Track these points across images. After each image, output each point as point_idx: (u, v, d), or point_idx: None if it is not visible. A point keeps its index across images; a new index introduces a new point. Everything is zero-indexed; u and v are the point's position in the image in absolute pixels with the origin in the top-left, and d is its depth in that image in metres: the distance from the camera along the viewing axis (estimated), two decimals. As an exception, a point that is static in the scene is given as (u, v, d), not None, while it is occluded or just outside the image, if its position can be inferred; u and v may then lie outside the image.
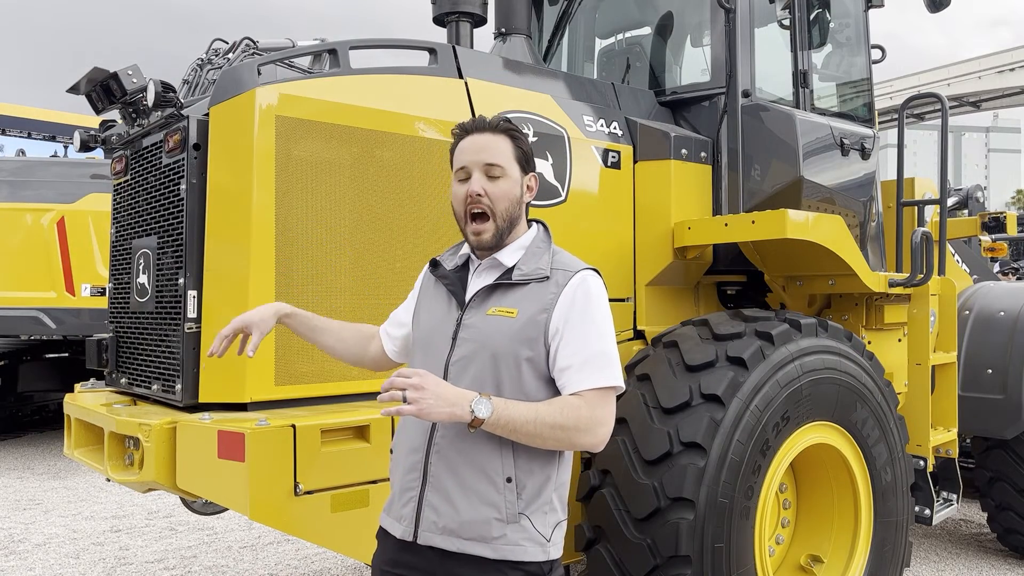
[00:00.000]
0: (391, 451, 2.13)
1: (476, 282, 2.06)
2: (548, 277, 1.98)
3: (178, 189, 2.85)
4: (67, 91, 3.18)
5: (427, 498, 1.96)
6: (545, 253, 2.04)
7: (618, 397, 2.04)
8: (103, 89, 3.00)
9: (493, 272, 2.05)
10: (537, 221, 2.14)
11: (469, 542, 1.92)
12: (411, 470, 2.00)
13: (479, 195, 1.98)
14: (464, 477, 1.93)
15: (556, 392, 1.97)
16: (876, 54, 4.74)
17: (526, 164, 2.06)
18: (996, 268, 6.61)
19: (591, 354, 1.94)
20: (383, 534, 2.10)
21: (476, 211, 2.00)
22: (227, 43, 3.49)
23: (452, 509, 1.93)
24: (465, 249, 2.13)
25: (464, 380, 1.95)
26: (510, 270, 2.01)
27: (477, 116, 2.09)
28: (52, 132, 11.24)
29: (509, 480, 1.93)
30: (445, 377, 1.97)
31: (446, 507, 1.94)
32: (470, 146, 2.02)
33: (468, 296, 2.04)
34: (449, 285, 2.09)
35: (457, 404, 1.81)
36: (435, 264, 2.16)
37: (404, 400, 1.78)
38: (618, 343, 2.10)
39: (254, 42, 3.33)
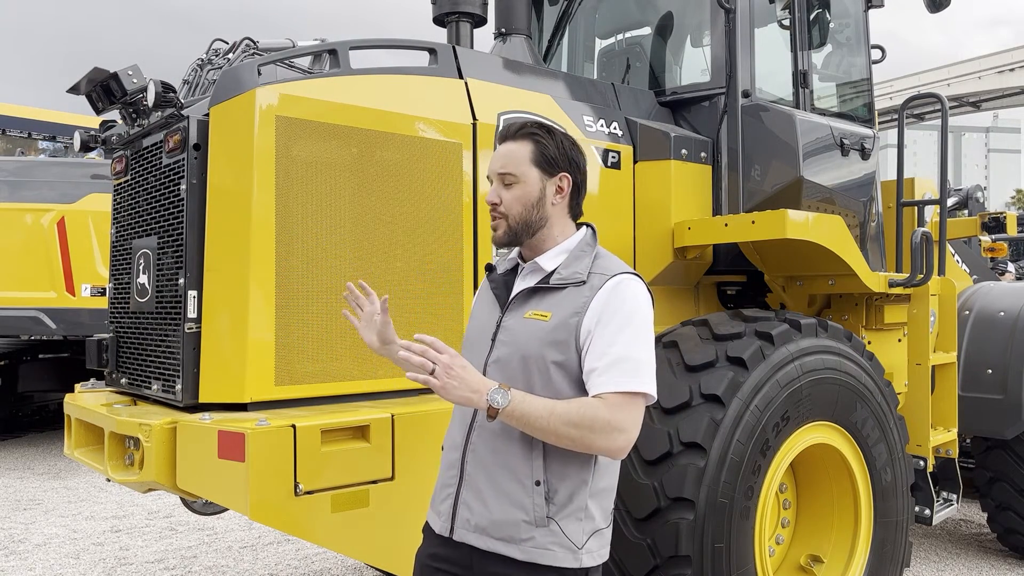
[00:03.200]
0: (443, 448, 2.17)
1: (519, 285, 2.11)
2: (585, 281, 2.00)
3: (178, 189, 2.85)
4: (67, 91, 3.18)
5: (462, 495, 2.02)
6: (587, 257, 2.05)
7: None
8: (103, 89, 3.00)
9: (535, 276, 2.09)
10: (587, 224, 2.16)
11: (499, 542, 1.96)
12: (450, 467, 2.07)
13: (494, 204, 2.07)
14: (496, 477, 1.97)
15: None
16: (876, 54, 4.75)
17: (549, 165, 2.06)
18: (988, 266, 6.61)
19: (618, 357, 1.91)
20: (428, 528, 2.15)
21: (492, 217, 2.09)
22: (227, 43, 3.49)
23: (484, 508, 1.97)
24: (514, 253, 2.19)
25: (499, 381, 1.98)
26: (549, 274, 2.06)
27: (507, 122, 2.14)
28: (52, 132, 11.24)
29: (538, 483, 1.94)
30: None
31: (478, 505, 1.98)
32: (495, 156, 2.10)
33: (510, 299, 2.09)
34: (495, 288, 2.15)
35: (477, 391, 1.85)
36: (490, 269, 2.22)
37: (432, 373, 1.83)
38: None
39: (254, 42, 3.33)
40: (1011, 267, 9.55)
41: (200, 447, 2.58)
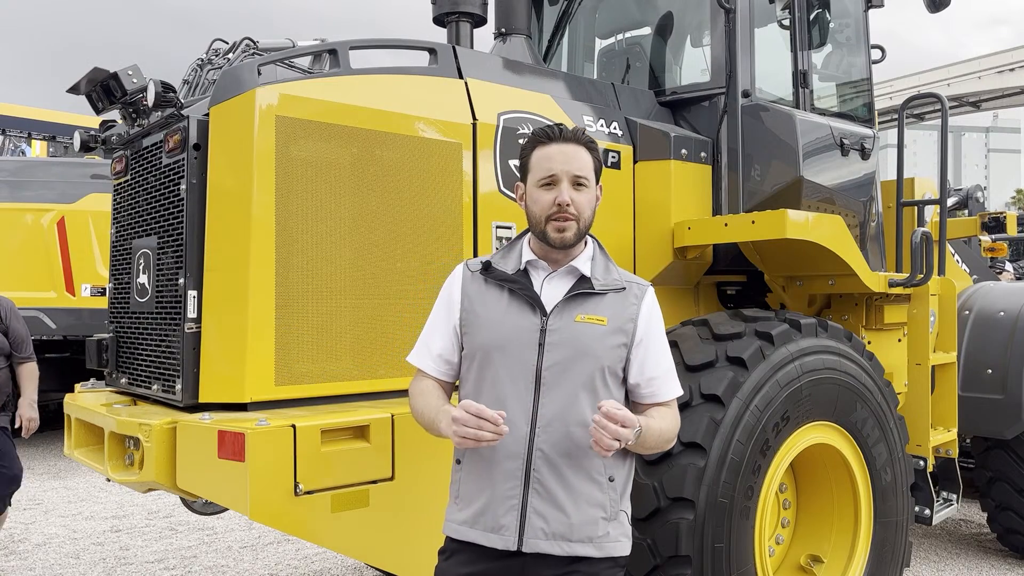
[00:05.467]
0: (457, 461, 2.11)
1: (550, 289, 2.09)
2: (624, 288, 2.10)
3: (178, 189, 2.85)
4: (67, 91, 3.18)
5: (532, 504, 1.98)
6: (611, 264, 2.16)
7: None
8: (103, 89, 3.00)
9: (569, 279, 2.10)
10: (590, 235, 2.20)
11: (577, 544, 1.98)
12: (508, 478, 2.00)
13: (568, 204, 2.04)
14: (571, 481, 1.98)
15: (625, 397, 2.10)
16: (876, 54, 4.74)
17: (597, 176, 2.14)
18: (988, 265, 6.62)
19: (670, 365, 2.14)
20: (463, 546, 2.05)
21: (562, 218, 2.05)
22: (227, 43, 3.49)
23: (561, 514, 1.97)
24: (526, 254, 2.13)
25: (559, 385, 2.00)
26: (587, 279, 2.08)
27: (558, 125, 2.13)
28: (52, 132, 11.24)
29: (612, 479, 2.02)
30: (537, 383, 2.00)
31: (554, 512, 1.97)
32: (558, 155, 2.07)
33: (549, 302, 2.06)
34: (520, 290, 2.08)
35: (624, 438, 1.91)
36: (487, 267, 2.14)
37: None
38: None
39: (254, 42, 3.33)
40: (1009, 267, 9.56)
41: (200, 447, 2.58)
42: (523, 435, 1.99)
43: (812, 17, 4.32)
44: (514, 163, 3.23)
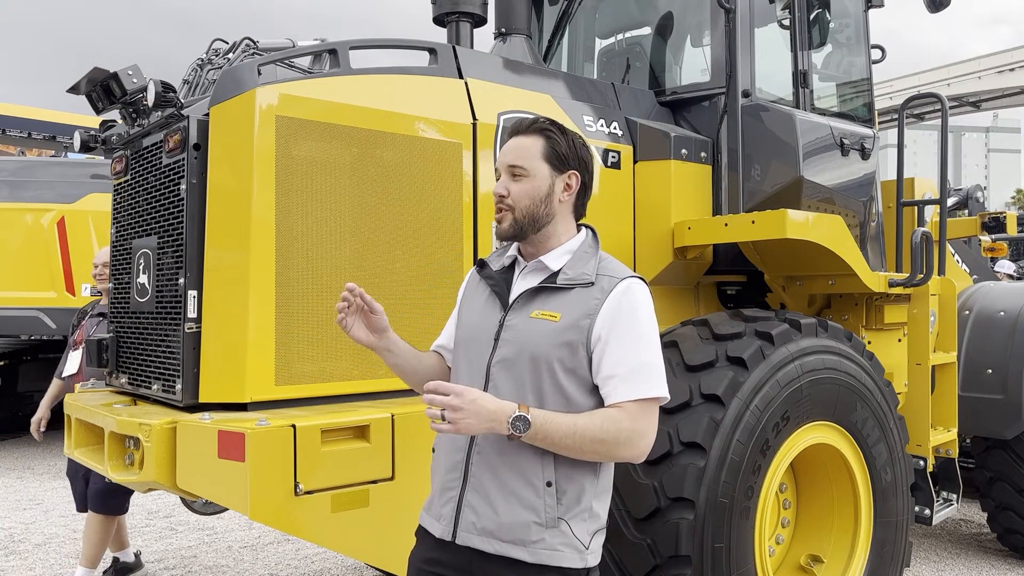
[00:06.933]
0: (433, 449, 2.13)
1: (521, 284, 2.07)
2: (593, 283, 1.98)
3: (178, 189, 2.85)
4: (67, 91, 3.18)
5: (467, 498, 1.97)
6: (592, 258, 2.04)
7: None
8: (103, 89, 3.00)
9: (538, 275, 2.05)
10: (586, 226, 2.14)
11: (507, 544, 1.93)
12: (452, 469, 2.01)
13: (502, 196, 2.02)
14: (505, 479, 1.94)
15: (600, 399, 1.96)
16: (876, 54, 4.75)
17: (559, 162, 2.05)
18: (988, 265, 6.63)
19: (636, 365, 1.92)
20: (422, 532, 2.11)
21: (497, 210, 2.04)
22: (227, 43, 3.49)
23: (491, 511, 1.94)
24: (512, 250, 2.14)
25: (505, 382, 1.96)
26: (555, 274, 2.02)
27: (525, 119, 2.10)
28: (52, 132, 11.24)
29: (549, 484, 1.93)
30: (487, 378, 1.98)
31: (485, 508, 1.95)
32: (505, 148, 2.07)
33: (512, 297, 2.04)
34: (494, 285, 2.09)
35: (495, 420, 1.83)
36: (482, 265, 2.17)
37: (443, 417, 1.80)
38: None
39: (254, 42, 3.33)
40: (1008, 267, 9.57)
41: (200, 447, 2.58)
42: None
43: (812, 17, 4.32)
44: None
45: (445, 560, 2.02)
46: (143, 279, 3.10)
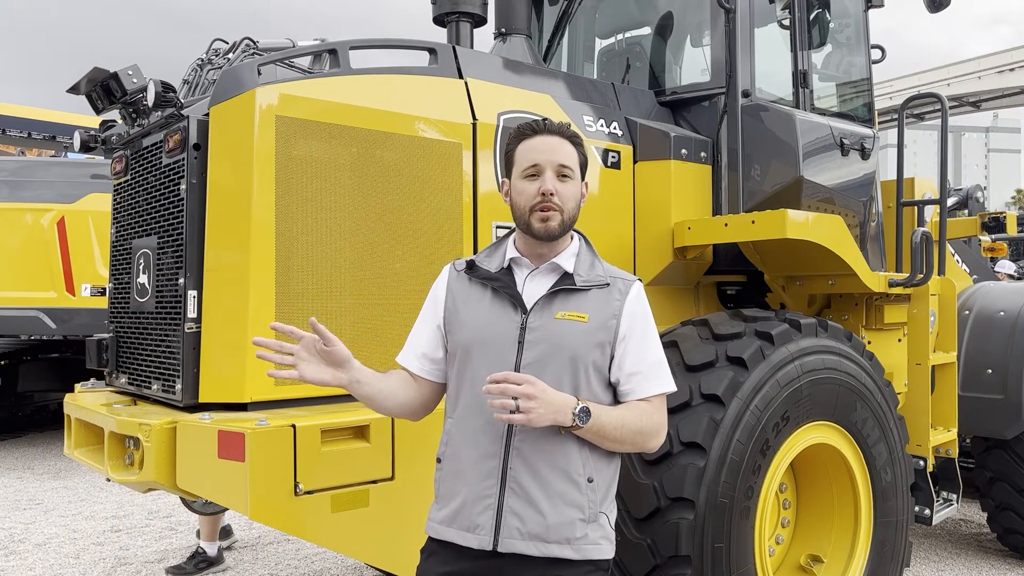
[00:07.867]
0: (438, 459, 2.09)
1: (532, 286, 2.06)
2: (608, 284, 2.05)
3: (178, 189, 2.86)
4: (67, 91, 3.19)
5: (508, 504, 1.95)
6: (596, 260, 2.11)
7: None
8: (103, 89, 3.01)
9: (551, 276, 2.06)
10: (576, 231, 2.17)
11: (554, 545, 1.94)
12: (486, 476, 1.97)
13: (552, 193, 2.01)
14: (548, 479, 1.95)
15: (613, 396, 2.04)
16: (876, 54, 4.75)
17: (582, 171, 2.12)
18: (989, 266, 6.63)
19: (655, 361, 2.06)
20: (442, 546, 2.04)
21: (546, 207, 2.01)
22: (227, 43, 3.49)
23: (537, 513, 1.94)
24: (510, 252, 2.11)
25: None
26: (570, 275, 2.05)
27: (544, 119, 2.12)
28: (52, 132, 11.23)
29: (590, 480, 1.98)
30: None
31: (530, 512, 1.94)
32: (542, 146, 2.05)
33: (530, 299, 2.03)
34: (503, 287, 2.06)
35: (560, 411, 1.88)
36: (472, 266, 2.12)
37: (516, 408, 1.83)
38: None
39: (254, 42, 3.33)
40: (1008, 267, 9.57)
41: (200, 447, 2.58)
42: (500, 434, 1.97)
43: (812, 17, 4.32)
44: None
45: (469, 570, 1.99)
46: (143, 279, 3.10)
